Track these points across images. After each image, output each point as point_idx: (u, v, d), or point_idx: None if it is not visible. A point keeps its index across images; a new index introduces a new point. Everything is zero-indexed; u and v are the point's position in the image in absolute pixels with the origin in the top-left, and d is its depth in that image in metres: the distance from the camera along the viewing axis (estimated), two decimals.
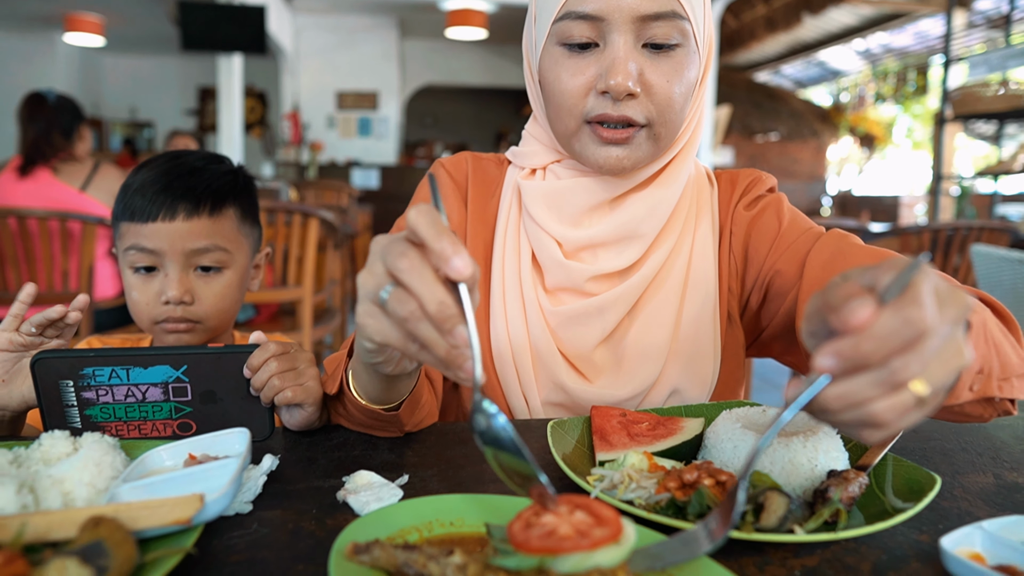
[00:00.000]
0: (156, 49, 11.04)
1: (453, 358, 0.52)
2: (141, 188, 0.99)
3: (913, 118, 12.62)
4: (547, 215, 0.96)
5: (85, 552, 0.45)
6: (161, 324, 0.99)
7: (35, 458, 0.62)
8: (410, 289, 0.51)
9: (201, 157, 1.05)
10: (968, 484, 0.73)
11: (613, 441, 0.72)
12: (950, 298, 0.46)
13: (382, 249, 0.54)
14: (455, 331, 0.51)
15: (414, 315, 0.51)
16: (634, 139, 0.88)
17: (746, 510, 0.57)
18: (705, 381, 0.95)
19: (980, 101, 4.75)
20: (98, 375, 0.76)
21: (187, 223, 0.98)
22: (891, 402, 0.45)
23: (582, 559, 0.46)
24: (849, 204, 10.33)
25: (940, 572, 0.55)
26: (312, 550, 0.57)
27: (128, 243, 0.99)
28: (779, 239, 0.95)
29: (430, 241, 0.51)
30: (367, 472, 0.69)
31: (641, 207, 0.94)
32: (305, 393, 0.78)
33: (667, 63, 0.87)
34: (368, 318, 0.55)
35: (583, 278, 0.94)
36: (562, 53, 0.88)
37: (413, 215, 0.52)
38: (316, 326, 3.05)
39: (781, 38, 9.72)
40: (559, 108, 0.90)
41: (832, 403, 0.46)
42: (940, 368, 0.46)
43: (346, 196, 6.30)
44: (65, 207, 2.74)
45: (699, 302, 0.96)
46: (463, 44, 10.42)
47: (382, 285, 0.53)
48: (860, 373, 0.45)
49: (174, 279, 0.98)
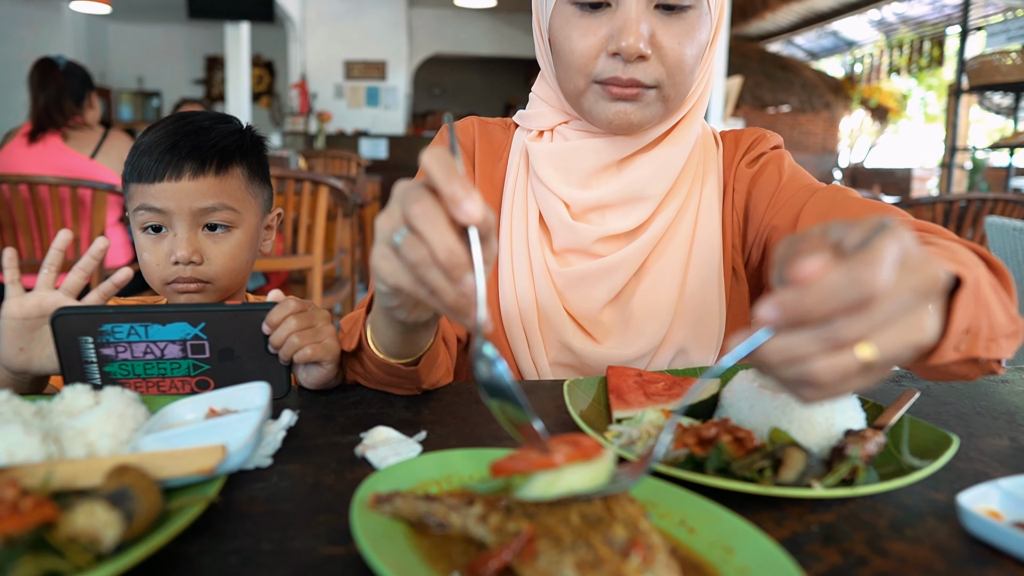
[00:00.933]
0: (163, 17, 10.95)
1: (461, 305, 0.52)
2: (148, 149, 0.99)
3: (927, 90, 12.45)
4: (555, 176, 0.96)
5: (112, 497, 0.46)
6: (172, 285, 1.00)
7: (58, 410, 0.62)
8: (421, 235, 0.51)
9: (209, 117, 1.05)
10: (984, 446, 0.73)
11: (630, 400, 0.73)
12: (918, 267, 0.44)
13: (401, 193, 0.54)
14: (463, 279, 0.51)
15: (424, 261, 0.51)
16: (644, 96, 0.88)
17: (765, 466, 0.58)
18: (711, 340, 0.95)
19: (998, 71, 4.67)
20: (117, 332, 0.76)
21: (193, 182, 0.98)
22: (831, 362, 0.43)
23: (551, 480, 0.46)
24: (861, 177, 10.23)
25: (956, 529, 0.55)
26: (333, 502, 0.57)
27: (137, 203, 0.99)
28: (777, 194, 0.94)
29: (441, 184, 0.51)
30: (385, 428, 0.70)
31: (648, 168, 0.94)
32: (324, 350, 0.79)
33: (679, 25, 0.86)
34: (382, 260, 0.55)
35: (590, 239, 0.94)
36: (573, 12, 0.88)
37: (427, 158, 0.52)
38: (326, 295, 3.06)
39: (795, 7, 9.57)
40: (568, 68, 0.89)
41: (770, 356, 0.44)
42: (893, 337, 0.43)
43: (354, 166, 6.28)
44: (75, 174, 2.74)
45: (705, 262, 0.96)
46: (472, 13, 10.30)
47: (397, 229, 0.53)
48: (801, 328, 0.43)
49: (182, 239, 0.98)
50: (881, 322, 0.43)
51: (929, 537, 0.55)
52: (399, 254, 0.53)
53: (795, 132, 11.17)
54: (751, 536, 0.49)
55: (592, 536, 0.46)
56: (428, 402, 0.82)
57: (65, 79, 2.79)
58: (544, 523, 0.48)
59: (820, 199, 0.89)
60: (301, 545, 0.51)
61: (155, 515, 0.48)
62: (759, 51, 11.63)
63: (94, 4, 6.06)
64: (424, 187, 0.52)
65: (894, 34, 11.21)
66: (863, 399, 0.74)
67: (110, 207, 2.84)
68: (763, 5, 9.60)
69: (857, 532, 0.55)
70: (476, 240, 0.51)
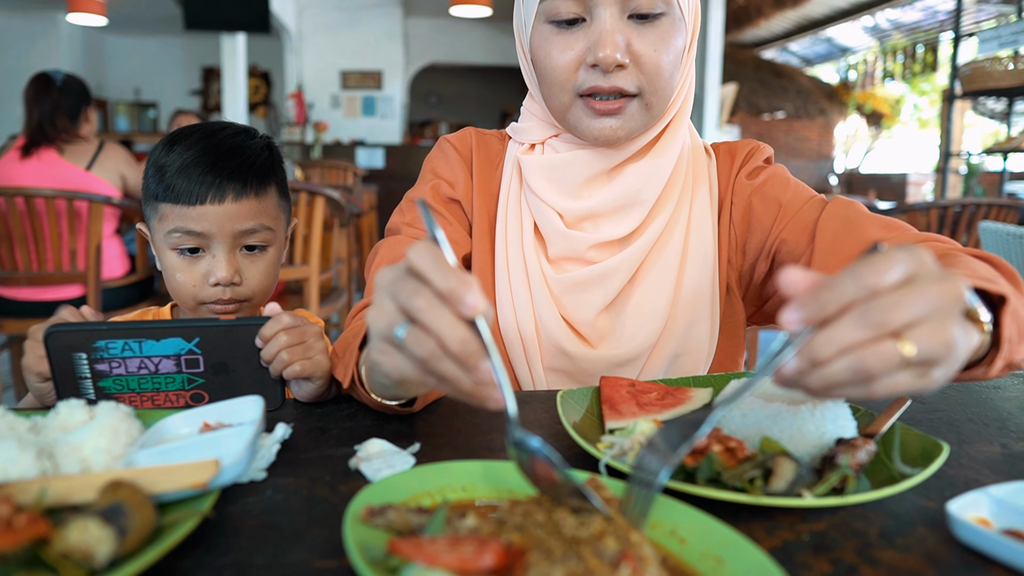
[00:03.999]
0: (159, 29, 10.98)
1: (478, 392, 0.51)
2: (184, 169, 0.95)
3: (920, 95, 12.51)
4: (547, 188, 0.97)
5: (106, 513, 0.46)
6: (209, 305, 0.99)
7: (53, 426, 0.63)
8: (428, 328, 0.49)
9: (235, 132, 1.02)
10: (975, 453, 0.74)
11: (622, 410, 0.73)
12: (940, 278, 0.47)
13: (389, 285, 0.52)
14: (479, 367, 0.50)
15: (434, 354, 0.49)
16: (626, 109, 0.90)
17: (755, 476, 0.58)
18: (703, 347, 0.96)
19: (990, 77, 4.70)
20: (111, 347, 0.77)
21: (236, 205, 0.96)
22: (877, 350, 0.45)
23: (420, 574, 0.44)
24: (856, 182, 10.27)
25: (946, 537, 0.56)
26: (326, 515, 0.58)
27: (172, 225, 0.96)
28: (784, 208, 0.96)
29: (437, 282, 0.49)
30: (379, 440, 0.70)
31: (638, 176, 0.96)
32: (314, 367, 0.79)
33: (653, 32, 0.88)
34: (382, 355, 0.53)
35: (585, 246, 0.95)
36: (551, 30, 0.90)
37: (413, 256, 0.50)
38: (323, 305, 3.06)
39: (789, 14, 9.63)
40: (551, 84, 0.92)
41: (823, 348, 0.46)
42: (928, 334, 0.46)
43: (351, 176, 6.29)
44: (71, 186, 2.74)
45: (698, 269, 0.97)
46: (467, 22, 10.33)
47: (395, 323, 0.51)
48: (838, 321, 0.46)
49: (222, 261, 0.96)
50: (913, 319, 0.45)
51: (919, 545, 0.55)
52: (402, 348, 0.51)
53: (790, 138, 11.20)
54: (741, 546, 0.50)
55: (582, 548, 0.46)
56: (422, 414, 0.82)
57: (62, 94, 2.78)
58: (535, 536, 0.48)
59: (833, 213, 0.91)
60: (295, 559, 0.51)
61: (149, 530, 0.48)
62: (754, 58, 11.69)
63: (90, 16, 6.07)
64: (415, 277, 0.50)
65: (888, 40, 11.28)
66: (855, 407, 0.74)
67: (106, 219, 2.84)
68: (757, 12, 9.65)
69: (848, 541, 0.55)
70: (485, 327, 0.50)
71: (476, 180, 1.04)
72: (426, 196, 1.01)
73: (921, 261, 0.47)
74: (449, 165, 1.05)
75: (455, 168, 1.04)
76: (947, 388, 0.97)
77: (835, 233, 0.89)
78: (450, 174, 1.04)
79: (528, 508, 0.52)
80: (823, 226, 0.90)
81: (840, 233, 0.89)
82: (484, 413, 0.82)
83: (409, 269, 0.51)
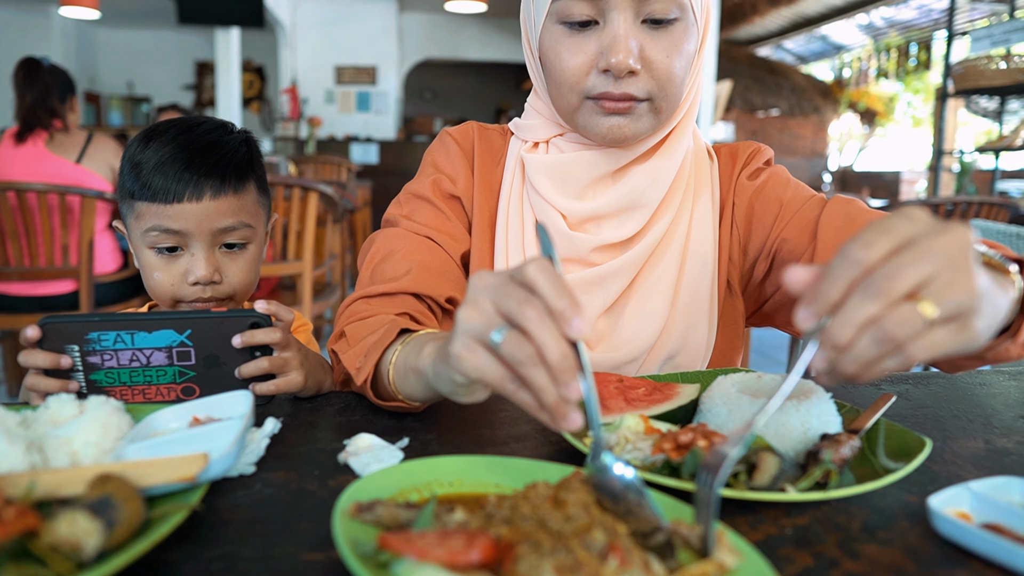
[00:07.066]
0: (152, 23, 10.92)
1: (559, 407, 0.51)
2: (160, 166, 0.94)
3: (914, 93, 12.55)
4: (551, 188, 0.97)
5: (94, 506, 0.46)
6: (190, 304, 0.98)
7: (42, 420, 0.63)
8: (531, 335, 0.50)
9: (212, 128, 1.00)
10: (958, 449, 0.75)
11: (610, 405, 0.74)
12: (941, 229, 0.47)
13: (490, 289, 0.53)
14: (571, 384, 0.50)
15: (531, 360, 0.50)
16: (636, 110, 0.89)
17: (739, 470, 0.59)
18: (700, 348, 0.97)
19: (983, 75, 4.71)
20: (103, 340, 0.77)
21: (214, 202, 0.95)
22: (896, 315, 0.46)
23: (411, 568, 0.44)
24: (850, 180, 10.29)
25: (928, 531, 0.57)
26: (315, 509, 0.58)
27: (149, 224, 0.95)
28: (784, 208, 0.97)
29: (551, 299, 0.50)
30: (368, 435, 0.70)
31: (643, 178, 0.95)
32: (287, 385, 0.83)
33: (667, 38, 0.87)
34: (467, 352, 0.53)
35: (587, 248, 0.95)
36: (562, 31, 0.89)
37: (533, 269, 0.51)
38: (316, 300, 3.06)
39: (784, 12, 9.63)
40: (560, 86, 0.90)
41: (844, 332, 0.47)
42: (944, 289, 0.46)
43: (345, 171, 6.28)
44: (62, 180, 2.73)
45: (697, 273, 0.97)
46: (462, 17, 10.31)
47: (492, 325, 0.52)
48: (848, 298, 0.47)
49: (202, 259, 0.95)
50: (922, 279, 0.46)
51: (901, 539, 0.56)
52: (496, 350, 0.51)
53: (784, 136, 11.22)
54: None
55: (571, 541, 0.47)
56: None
57: (51, 77, 2.78)
58: (523, 529, 0.49)
59: (834, 211, 0.92)
60: (283, 552, 0.52)
61: (137, 522, 0.48)
62: (748, 55, 11.69)
63: (83, 10, 6.03)
64: (521, 286, 0.51)
65: (882, 38, 11.29)
66: (840, 403, 0.75)
67: (99, 213, 2.83)
68: (752, 10, 9.65)
69: (830, 535, 0.56)
70: (585, 351, 0.52)
71: (477, 175, 1.04)
72: (426, 190, 1.00)
73: (915, 220, 0.48)
74: (450, 159, 1.04)
75: (456, 162, 1.04)
76: (934, 384, 0.98)
77: (837, 231, 0.90)
78: (451, 168, 1.03)
79: (515, 502, 0.53)
80: (824, 224, 0.91)
81: (842, 230, 0.90)
82: (472, 409, 0.82)
83: (520, 280, 0.51)
